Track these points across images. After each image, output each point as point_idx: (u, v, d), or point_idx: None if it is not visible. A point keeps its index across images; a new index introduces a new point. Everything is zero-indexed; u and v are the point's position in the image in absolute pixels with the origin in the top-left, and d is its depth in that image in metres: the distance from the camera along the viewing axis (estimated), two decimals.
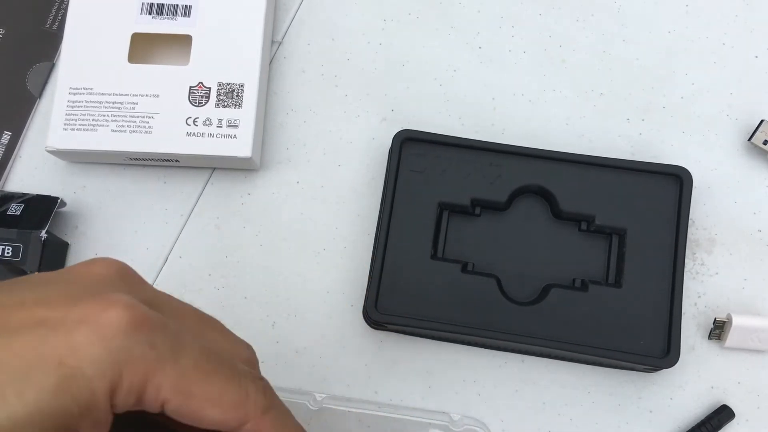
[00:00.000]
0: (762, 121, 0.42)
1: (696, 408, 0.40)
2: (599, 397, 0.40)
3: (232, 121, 0.41)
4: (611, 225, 0.39)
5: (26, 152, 0.44)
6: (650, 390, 0.40)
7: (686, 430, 0.39)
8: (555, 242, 0.40)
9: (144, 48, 0.43)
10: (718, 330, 0.40)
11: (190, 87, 0.41)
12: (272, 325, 0.41)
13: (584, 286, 0.39)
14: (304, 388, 0.40)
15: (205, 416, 0.24)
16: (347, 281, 0.41)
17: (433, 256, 0.39)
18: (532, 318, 0.38)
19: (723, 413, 0.39)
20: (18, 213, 0.40)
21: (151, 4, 0.43)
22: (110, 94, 0.41)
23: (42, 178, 0.44)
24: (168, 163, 0.42)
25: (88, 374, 0.21)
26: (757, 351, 0.40)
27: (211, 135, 0.41)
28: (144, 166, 0.43)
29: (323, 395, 0.40)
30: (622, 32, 0.44)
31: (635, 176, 0.40)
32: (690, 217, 0.40)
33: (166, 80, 0.42)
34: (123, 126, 0.41)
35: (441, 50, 0.45)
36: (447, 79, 0.44)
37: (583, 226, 0.40)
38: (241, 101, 0.41)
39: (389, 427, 0.39)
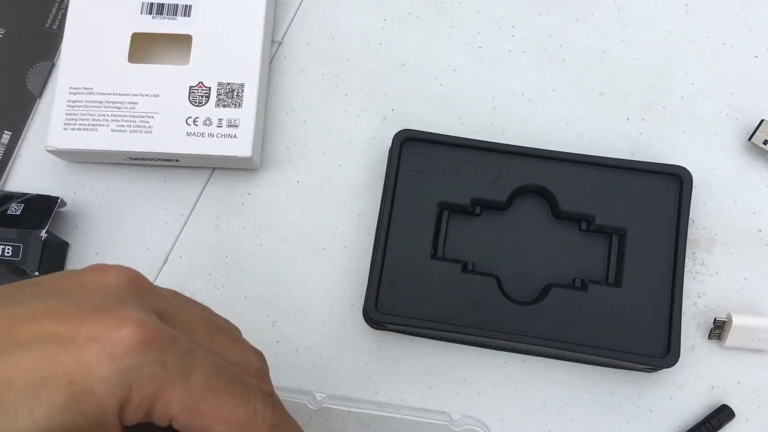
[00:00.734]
0: (762, 121, 0.42)
1: (696, 408, 0.40)
2: (599, 397, 0.40)
3: (232, 121, 0.41)
4: (611, 225, 0.39)
5: (26, 152, 0.44)
6: (650, 390, 0.40)
7: (686, 430, 0.39)
8: (555, 242, 0.40)
9: (144, 48, 0.43)
10: (718, 330, 0.40)
11: (190, 87, 0.41)
12: (272, 325, 0.41)
13: (584, 286, 0.39)
14: (304, 388, 0.40)
15: None
16: (347, 281, 0.41)
17: (433, 256, 0.39)
18: (532, 318, 0.38)
19: (723, 413, 0.39)
20: (18, 213, 0.40)
21: (151, 4, 0.43)
22: (110, 94, 0.41)
23: (42, 178, 0.44)
24: (168, 163, 0.42)
25: (98, 392, 0.21)
26: (757, 351, 0.40)
27: (211, 135, 0.41)
28: (144, 166, 0.43)
29: (323, 395, 0.40)
30: (622, 32, 0.44)
31: (635, 176, 0.40)
32: (690, 217, 0.40)
33: (166, 80, 0.42)
34: (123, 126, 0.41)
35: (441, 50, 0.45)
36: (447, 79, 0.44)
37: (583, 226, 0.40)
38: (241, 101, 0.41)
39: (389, 427, 0.39)
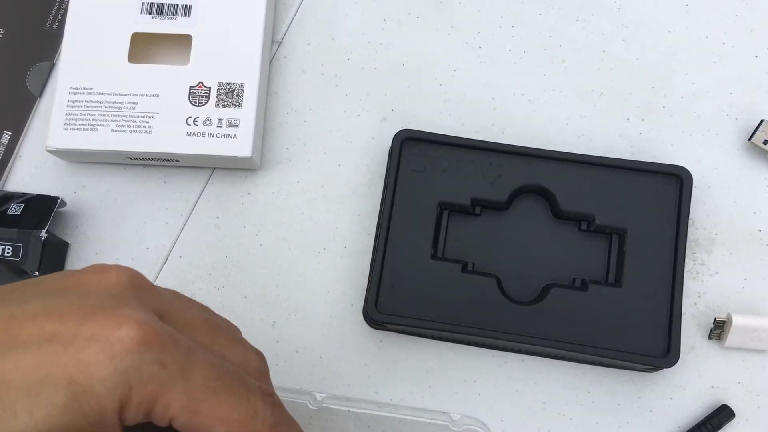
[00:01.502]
0: (762, 121, 0.42)
1: (696, 408, 0.40)
2: (599, 397, 0.40)
3: (232, 121, 0.41)
4: (611, 225, 0.39)
5: (26, 152, 0.44)
6: (650, 390, 0.40)
7: (686, 430, 0.39)
8: (555, 242, 0.40)
9: (144, 48, 0.43)
10: (718, 330, 0.40)
11: (190, 87, 0.41)
12: (272, 325, 0.41)
13: (584, 286, 0.39)
14: (304, 388, 0.40)
15: None
16: (347, 281, 0.41)
17: (434, 256, 0.39)
18: (533, 318, 0.38)
19: (723, 413, 0.39)
20: (18, 213, 0.40)
21: (151, 4, 0.43)
22: (110, 94, 0.41)
23: (42, 178, 0.44)
24: (168, 163, 0.42)
25: (98, 392, 0.21)
26: (757, 351, 0.40)
27: (211, 135, 0.41)
28: (144, 166, 0.43)
29: (323, 395, 0.40)
30: (622, 32, 0.44)
31: (635, 176, 0.40)
32: (690, 217, 0.40)
33: (166, 80, 0.42)
34: (123, 126, 0.41)
35: (441, 50, 0.45)
36: (447, 79, 0.44)
37: (583, 226, 0.40)
38: (241, 101, 0.41)
39: (389, 427, 0.39)
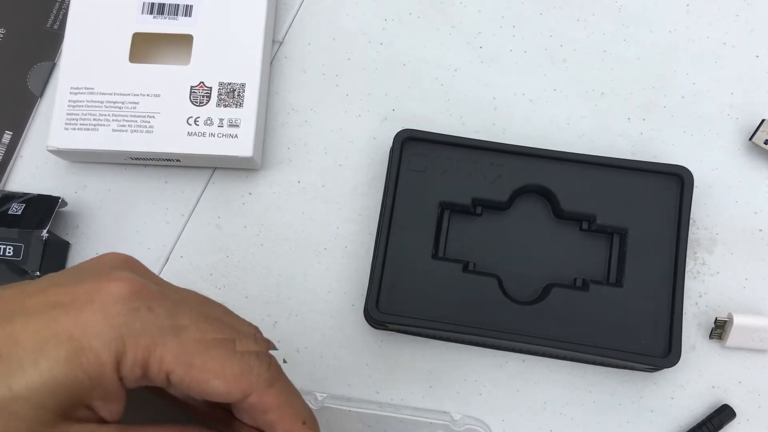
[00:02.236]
0: (763, 121, 0.42)
1: (697, 407, 0.40)
2: (600, 397, 0.40)
3: (233, 121, 0.41)
4: (612, 224, 0.39)
5: (27, 152, 0.44)
6: (651, 389, 0.40)
7: (687, 430, 0.39)
8: (556, 242, 0.40)
9: (145, 48, 0.43)
10: (719, 329, 0.40)
11: (191, 87, 0.41)
12: (273, 325, 0.41)
13: (585, 286, 0.39)
14: (305, 388, 0.40)
15: (209, 387, 0.25)
16: (348, 281, 0.41)
17: (434, 256, 0.39)
18: (533, 317, 0.38)
19: (724, 413, 0.39)
20: (19, 213, 0.40)
21: (152, 4, 0.43)
22: (111, 94, 0.41)
23: (43, 178, 0.44)
24: (169, 163, 0.42)
25: (95, 347, 0.23)
26: (758, 350, 0.40)
27: (212, 135, 0.41)
28: (145, 166, 0.43)
29: (324, 394, 0.40)
30: (623, 32, 0.44)
31: (636, 176, 0.40)
32: (691, 217, 0.40)
33: (167, 80, 0.42)
34: (124, 126, 0.41)
35: (442, 50, 0.45)
36: (448, 79, 0.44)
37: (584, 226, 0.40)
38: (242, 101, 0.41)
39: (390, 427, 0.39)
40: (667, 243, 0.39)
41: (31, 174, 0.44)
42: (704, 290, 0.41)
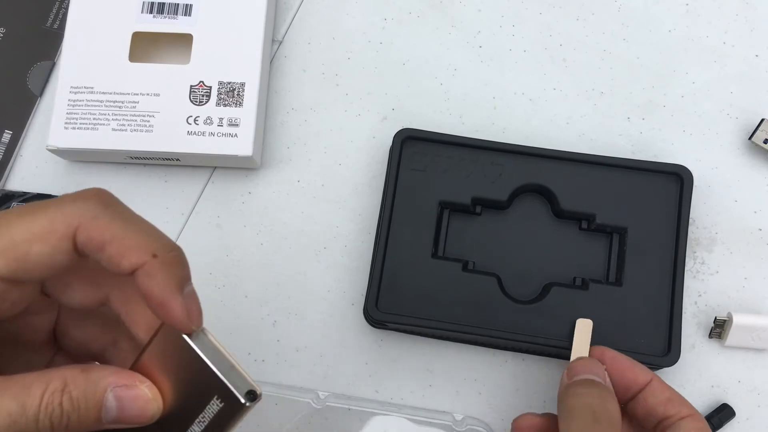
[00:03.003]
0: (762, 120, 0.42)
1: (696, 407, 0.39)
2: None
3: (233, 120, 0.41)
4: (612, 224, 0.39)
5: (27, 151, 0.44)
6: None
7: None
8: (556, 241, 0.40)
9: (145, 47, 0.43)
10: (719, 329, 0.40)
11: (191, 86, 0.41)
12: (273, 324, 0.41)
13: (585, 285, 0.39)
14: (305, 387, 0.40)
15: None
16: (348, 280, 0.41)
17: (434, 255, 0.39)
18: (533, 316, 0.38)
19: (723, 412, 0.39)
20: None
21: (152, 3, 0.43)
22: (111, 93, 0.41)
23: (43, 177, 0.44)
24: (169, 162, 0.42)
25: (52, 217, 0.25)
26: (758, 350, 0.40)
27: (212, 134, 0.41)
28: (145, 165, 0.43)
29: (326, 393, 0.40)
30: (623, 31, 0.44)
31: (636, 175, 0.40)
32: (690, 216, 0.40)
33: (167, 79, 0.42)
34: (124, 125, 0.41)
35: (441, 49, 0.45)
36: (447, 78, 0.44)
37: (584, 225, 0.40)
38: (242, 100, 0.41)
39: (391, 427, 0.39)
40: (667, 242, 0.39)
41: (31, 173, 0.44)
42: (704, 289, 0.41)
